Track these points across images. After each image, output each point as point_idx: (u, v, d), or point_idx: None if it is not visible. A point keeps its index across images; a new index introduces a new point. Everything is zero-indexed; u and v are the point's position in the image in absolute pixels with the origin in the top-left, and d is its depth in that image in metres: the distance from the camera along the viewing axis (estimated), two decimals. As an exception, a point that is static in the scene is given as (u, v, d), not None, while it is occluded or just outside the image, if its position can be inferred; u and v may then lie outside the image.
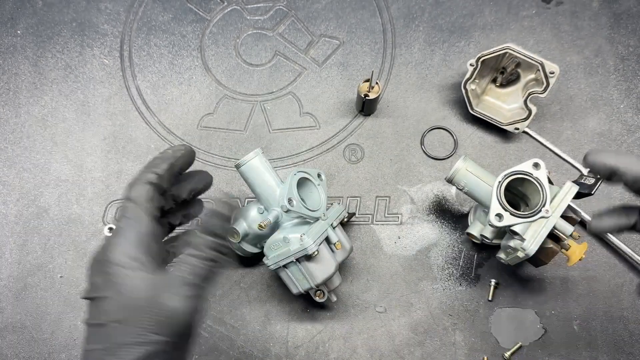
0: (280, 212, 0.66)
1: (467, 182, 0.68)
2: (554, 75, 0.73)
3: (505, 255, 0.68)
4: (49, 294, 0.76)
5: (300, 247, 0.63)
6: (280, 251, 0.65)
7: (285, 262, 0.65)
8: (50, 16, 0.88)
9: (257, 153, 0.67)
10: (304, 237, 0.63)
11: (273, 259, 0.66)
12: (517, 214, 0.61)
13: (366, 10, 0.89)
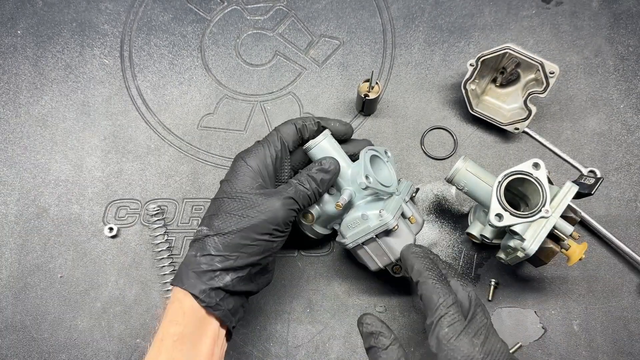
0: (354, 191, 0.66)
1: (467, 182, 0.68)
2: (553, 75, 0.73)
3: (505, 255, 0.68)
4: (48, 293, 0.76)
5: (380, 222, 0.63)
6: (359, 228, 0.65)
7: (364, 238, 0.65)
8: (50, 16, 0.88)
9: (325, 135, 0.66)
10: (382, 212, 0.64)
11: (352, 236, 0.66)
12: (517, 214, 0.62)
13: (366, 10, 0.89)
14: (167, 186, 0.81)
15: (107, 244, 0.78)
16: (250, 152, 0.63)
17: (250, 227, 0.57)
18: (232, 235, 0.57)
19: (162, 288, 0.75)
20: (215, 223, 0.58)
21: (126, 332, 0.75)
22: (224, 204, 0.59)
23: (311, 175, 0.62)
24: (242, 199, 0.59)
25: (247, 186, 0.60)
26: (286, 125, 0.66)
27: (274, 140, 0.64)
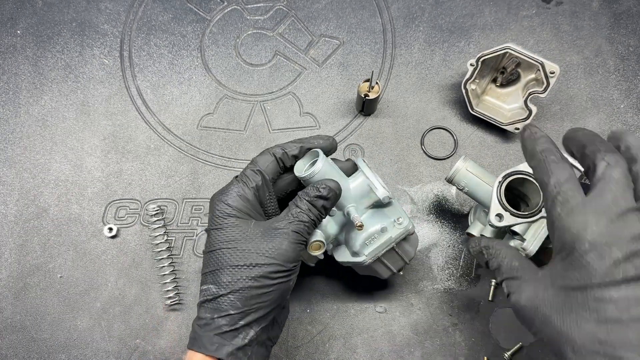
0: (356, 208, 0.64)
1: (468, 182, 0.68)
2: (554, 75, 0.73)
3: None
4: (48, 294, 0.76)
5: (402, 230, 0.63)
6: (379, 242, 0.63)
7: (385, 251, 0.64)
8: (50, 16, 0.88)
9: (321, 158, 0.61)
10: (400, 219, 0.63)
11: (372, 252, 0.63)
12: (518, 214, 0.61)
13: (366, 10, 0.89)
14: (167, 186, 0.81)
15: (106, 244, 0.78)
16: (228, 193, 0.58)
17: (263, 276, 0.53)
18: (246, 289, 0.53)
19: (162, 288, 0.75)
20: (224, 280, 0.54)
21: (126, 332, 0.75)
22: (224, 257, 0.55)
23: (311, 202, 0.57)
24: (243, 246, 0.55)
25: (243, 229, 0.56)
26: (263, 156, 0.61)
27: (251, 174, 0.59)
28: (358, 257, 0.64)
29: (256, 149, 0.83)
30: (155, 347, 0.74)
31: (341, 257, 0.66)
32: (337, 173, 0.63)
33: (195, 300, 0.76)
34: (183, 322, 0.75)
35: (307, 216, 0.56)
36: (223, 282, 0.54)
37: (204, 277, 0.56)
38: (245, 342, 0.52)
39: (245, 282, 0.53)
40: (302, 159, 0.63)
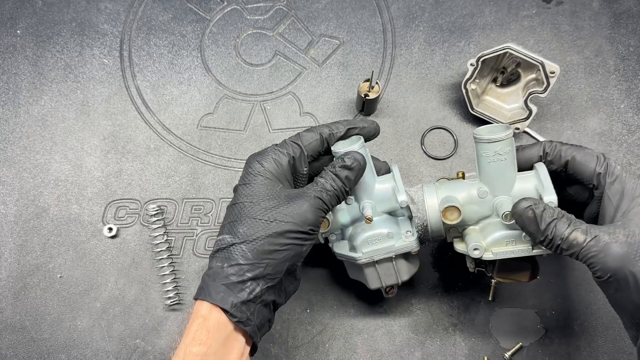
0: (373, 205, 0.63)
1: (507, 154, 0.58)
2: (554, 75, 0.73)
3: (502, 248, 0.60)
4: (48, 294, 0.76)
5: (406, 244, 0.62)
6: (380, 246, 0.63)
7: (382, 257, 0.63)
8: (50, 16, 0.88)
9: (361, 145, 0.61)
10: (409, 233, 0.62)
11: (369, 253, 0.63)
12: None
13: (366, 10, 0.89)
14: (166, 186, 0.81)
15: (106, 244, 0.78)
16: (264, 155, 0.59)
17: (279, 232, 0.53)
18: (260, 242, 0.53)
19: (162, 288, 0.75)
20: (240, 230, 0.54)
21: (126, 332, 0.75)
22: (245, 209, 0.55)
23: (335, 172, 0.58)
24: (266, 202, 0.55)
25: (269, 188, 0.56)
26: (309, 133, 0.62)
27: (291, 144, 0.61)
28: (355, 253, 0.64)
29: (256, 149, 0.82)
30: (155, 347, 0.74)
31: (339, 249, 0.66)
32: (370, 166, 0.63)
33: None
34: (183, 322, 0.75)
35: (330, 185, 0.57)
36: (239, 232, 0.54)
37: (221, 229, 0.57)
38: (250, 297, 0.52)
39: (260, 234, 0.53)
40: (343, 141, 0.63)
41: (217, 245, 0.56)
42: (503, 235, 0.59)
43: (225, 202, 0.80)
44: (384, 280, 0.66)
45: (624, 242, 0.49)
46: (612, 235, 0.50)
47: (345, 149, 0.60)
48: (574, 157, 0.58)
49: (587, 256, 0.50)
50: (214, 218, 0.79)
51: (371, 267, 0.65)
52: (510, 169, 0.59)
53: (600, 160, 0.57)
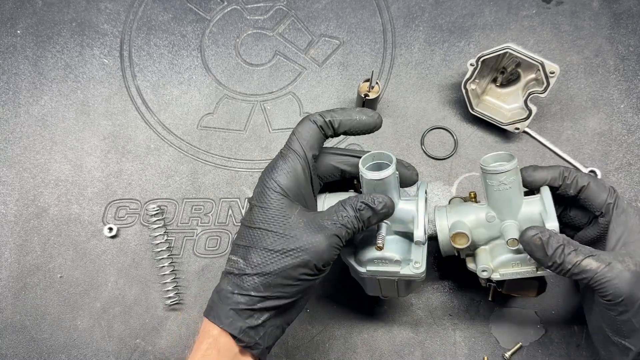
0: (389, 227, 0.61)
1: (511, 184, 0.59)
2: (554, 75, 0.73)
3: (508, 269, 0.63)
4: (48, 294, 0.76)
5: (413, 273, 0.60)
6: (385, 268, 0.61)
7: (385, 278, 0.62)
8: (50, 16, 0.88)
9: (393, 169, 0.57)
10: (417, 265, 0.61)
11: (372, 272, 0.61)
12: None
13: (366, 10, 0.89)
14: (166, 186, 0.81)
15: (106, 244, 0.78)
16: (277, 169, 0.56)
17: (292, 268, 0.53)
18: (272, 276, 0.52)
19: (162, 288, 0.75)
20: (254, 259, 0.53)
21: (126, 332, 0.75)
22: (261, 237, 0.54)
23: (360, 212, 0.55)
24: (282, 231, 0.54)
25: (286, 213, 0.54)
26: (305, 125, 0.58)
27: (297, 149, 0.57)
28: (360, 267, 0.62)
29: (256, 149, 0.83)
30: (155, 347, 0.74)
31: (345, 255, 0.65)
32: (396, 189, 0.60)
33: (195, 300, 0.76)
34: (183, 322, 0.75)
35: (351, 224, 0.55)
36: (252, 261, 0.53)
37: (236, 248, 0.56)
38: (258, 322, 0.53)
39: (273, 268, 0.53)
40: (372, 153, 0.59)
41: (230, 266, 0.55)
42: (509, 258, 0.62)
43: (225, 202, 0.80)
44: (383, 292, 0.66)
45: (633, 270, 0.53)
46: (623, 263, 0.54)
47: (374, 175, 0.56)
48: (589, 184, 0.60)
49: (600, 281, 0.53)
50: (214, 218, 0.79)
51: (372, 279, 0.64)
52: (516, 196, 0.61)
53: (611, 192, 0.60)
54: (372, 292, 0.66)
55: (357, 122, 0.59)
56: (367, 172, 0.57)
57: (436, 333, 0.74)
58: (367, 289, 0.67)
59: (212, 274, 0.77)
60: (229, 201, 0.80)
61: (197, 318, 0.75)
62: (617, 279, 0.53)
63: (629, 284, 0.53)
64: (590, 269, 0.54)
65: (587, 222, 0.64)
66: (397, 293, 0.65)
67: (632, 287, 0.53)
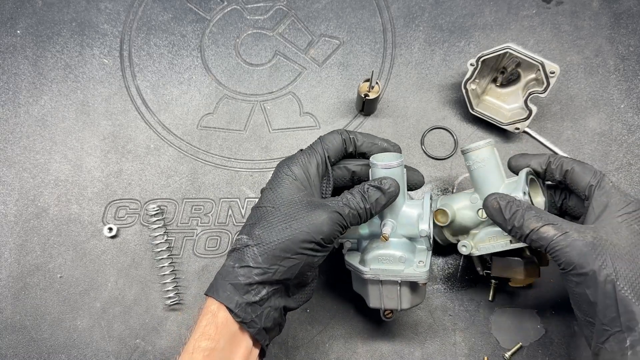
0: (395, 225, 0.63)
1: (485, 163, 0.64)
2: (554, 75, 0.73)
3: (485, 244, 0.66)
4: (48, 294, 0.76)
5: (416, 273, 0.61)
6: (389, 267, 0.62)
7: (388, 278, 0.62)
8: (50, 16, 0.88)
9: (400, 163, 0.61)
10: (421, 264, 0.61)
11: (376, 270, 0.62)
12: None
13: (366, 10, 0.89)
14: (166, 186, 0.81)
15: (106, 244, 0.78)
16: (293, 160, 0.60)
17: (291, 239, 0.54)
18: (272, 246, 0.54)
19: (162, 288, 0.75)
20: (257, 232, 0.55)
21: (126, 332, 0.75)
22: (266, 213, 0.56)
23: (367, 193, 0.57)
24: (286, 209, 0.56)
25: (292, 195, 0.57)
26: (331, 135, 0.63)
27: (318, 149, 0.61)
28: (363, 266, 0.63)
29: (256, 149, 0.83)
30: (155, 347, 0.74)
31: (350, 259, 0.66)
32: (403, 187, 0.62)
33: (195, 300, 0.76)
34: (183, 322, 0.75)
35: (355, 203, 0.57)
36: (254, 234, 0.55)
37: (242, 229, 0.58)
38: (255, 299, 0.53)
39: (273, 239, 0.54)
40: (383, 153, 0.64)
41: (234, 244, 0.57)
42: (485, 232, 0.65)
43: (225, 202, 0.80)
44: (385, 302, 0.65)
45: (589, 242, 0.53)
46: (581, 234, 0.54)
47: (384, 162, 0.60)
48: (573, 169, 0.61)
49: (554, 248, 0.54)
50: (214, 218, 0.79)
51: (376, 285, 0.64)
52: (493, 175, 0.64)
53: (596, 174, 0.60)
54: (373, 302, 0.66)
55: (378, 147, 0.65)
56: (376, 162, 0.61)
57: (436, 333, 0.74)
58: (370, 298, 0.66)
59: (212, 274, 0.77)
60: (229, 201, 0.80)
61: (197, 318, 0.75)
62: (570, 247, 0.53)
63: (580, 254, 0.53)
64: (546, 236, 0.54)
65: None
66: (400, 302, 0.64)
67: (583, 257, 0.52)
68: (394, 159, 0.61)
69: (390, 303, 0.65)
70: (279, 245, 0.54)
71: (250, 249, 0.54)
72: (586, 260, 0.52)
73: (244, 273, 0.53)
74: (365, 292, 0.66)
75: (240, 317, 0.53)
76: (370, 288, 0.65)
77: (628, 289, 0.51)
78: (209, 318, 0.53)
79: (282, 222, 0.55)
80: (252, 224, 0.57)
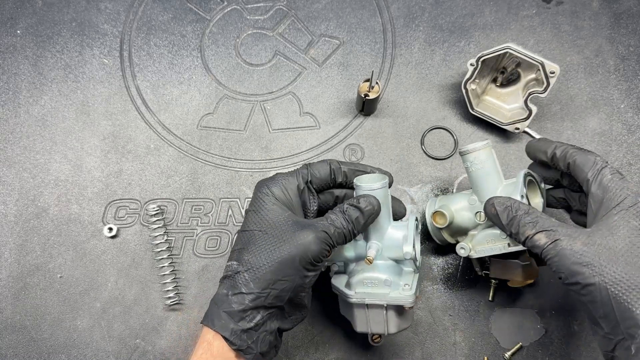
0: (381, 247, 0.62)
1: (482, 165, 0.64)
2: (554, 75, 0.73)
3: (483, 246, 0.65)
4: (48, 294, 0.76)
5: (402, 297, 0.60)
6: (374, 290, 0.61)
7: (374, 302, 0.61)
8: (50, 16, 0.88)
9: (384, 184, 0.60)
10: (406, 287, 0.60)
11: (361, 294, 0.61)
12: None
13: (366, 10, 0.89)
14: (166, 186, 0.81)
15: (106, 244, 0.78)
16: (272, 180, 0.60)
17: (281, 261, 0.53)
18: (262, 270, 0.53)
19: (162, 288, 0.75)
20: (245, 257, 0.55)
21: (126, 332, 0.75)
22: (253, 237, 0.56)
23: (346, 212, 0.57)
24: (272, 231, 0.55)
25: (277, 216, 0.57)
26: (319, 163, 0.63)
27: (302, 172, 0.61)
28: (348, 290, 0.62)
29: (256, 149, 0.83)
30: (155, 347, 0.74)
31: (336, 282, 0.65)
32: (387, 209, 0.62)
33: (195, 300, 0.76)
34: (183, 322, 0.75)
35: (340, 222, 0.56)
36: (244, 259, 0.55)
37: (231, 254, 0.58)
38: (250, 325, 0.53)
39: (263, 262, 0.54)
40: (369, 175, 0.63)
41: (225, 271, 0.56)
42: (484, 235, 0.65)
43: (225, 202, 0.80)
44: (372, 327, 0.63)
45: (577, 250, 0.51)
46: (571, 241, 0.52)
47: (366, 184, 0.60)
48: (574, 160, 0.58)
49: (546, 257, 0.54)
50: (214, 218, 0.79)
51: (362, 309, 0.63)
52: (491, 176, 0.64)
53: (595, 166, 0.56)
54: (360, 326, 0.64)
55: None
56: (360, 184, 0.60)
57: (436, 333, 0.74)
58: (356, 322, 0.64)
59: (212, 274, 0.77)
60: (229, 201, 0.80)
61: (197, 318, 0.75)
62: (558, 256, 0.52)
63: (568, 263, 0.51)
64: (538, 245, 0.54)
65: None
66: (386, 326, 0.63)
67: (573, 266, 0.51)
68: (377, 181, 0.60)
69: (377, 327, 0.63)
70: (269, 269, 0.53)
71: (241, 275, 0.54)
72: (575, 269, 0.51)
73: (237, 300, 0.53)
74: (352, 316, 0.64)
75: (236, 344, 0.52)
76: (357, 312, 0.63)
77: (625, 294, 0.48)
78: (204, 347, 0.53)
79: (270, 244, 0.55)
80: (240, 249, 0.56)
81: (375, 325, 0.63)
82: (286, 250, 0.54)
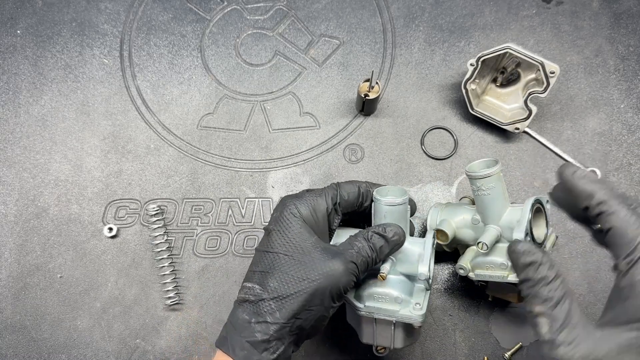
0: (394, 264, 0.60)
1: (491, 190, 0.61)
2: (554, 75, 0.73)
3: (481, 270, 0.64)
4: (48, 294, 0.76)
5: (411, 315, 0.58)
6: (384, 306, 0.59)
7: (384, 318, 0.59)
8: (50, 16, 0.88)
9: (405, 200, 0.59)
10: (417, 306, 0.59)
11: (370, 308, 0.60)
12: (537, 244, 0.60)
13: (366, 10, 0.89)
14: (166, 186, 0.81)
15: (106, 244, 0.78)
16: (301, 199, 0.57)
17: (310, 292, 0.51)
18: (290, 300, 0.51)
19: (162, 288, 0.75)
20: (271, 284, 0.52)
21: (126, 332, 0.75)
22: (278, 261, 0.53)
23: (370, 240, 0.55)
24: (300, 257, 0.53)
25: (305, 240, 0.54)
26: (348, 184, 0.60)
27: (331, 194, 0.58)
28: (358, 302, 0.61)
29: (256, 149, 0.83)
30: (155, 347, 0.74)
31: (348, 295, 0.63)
32: (405, 224, 0.61)
33: (195, 300, 0.76)
34: (183, 322, 0.75)
35: (365, 251, 0.55)
36: (269, 286, 0.52)
37: (252, 275, 0.55)
38: (273, 356, 0.51)
39: (291, 291, 0.52)
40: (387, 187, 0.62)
41: (245, 293, 0.54)
42: (483, 261, 0.64)
43: (225, 202, 0.80)
44: (378, 340, 0.62)
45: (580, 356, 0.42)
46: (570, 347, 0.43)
47: (387, 198, 0.58)
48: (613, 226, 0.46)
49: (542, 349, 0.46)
50: (214, 218, 0.79)
51: (369, 322, 0.62)
52: (497, 202, 0.62)
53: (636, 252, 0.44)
54: (366, 338, 0.63)
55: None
56: (380, 198, 0.58)
57: (436, 333, 0.74)
58: (363, 334, 0.63)
59: (212, 274, 0.77)
60: (229, 201, 0.80)
61: (197, 318, 0.75)
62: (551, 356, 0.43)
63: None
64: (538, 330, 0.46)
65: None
66: (392, 341, 0.62)
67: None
68: (398, 196, 0.59)
69: (383, 341, 0.62)
70: (297, 299, 0.51)
71: (266, 302, 0.52)
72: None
73: (260, 329, 0.51)
74: (359, 327, 0.63)
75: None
76: (364, 324, 0.62)
77: None
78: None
79: (298, 272, 0.52)
80: (264, 272, 0.54)
81: (382, 339, 0.62)
82: (315, 279, 0.52)
